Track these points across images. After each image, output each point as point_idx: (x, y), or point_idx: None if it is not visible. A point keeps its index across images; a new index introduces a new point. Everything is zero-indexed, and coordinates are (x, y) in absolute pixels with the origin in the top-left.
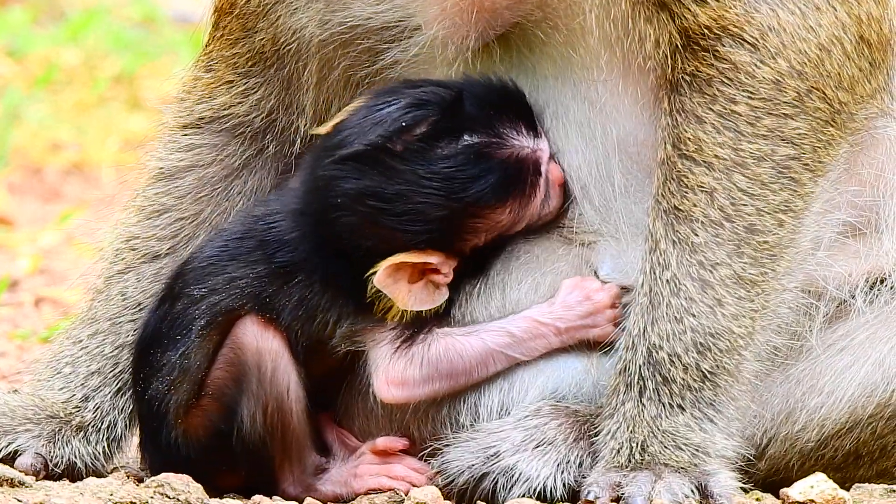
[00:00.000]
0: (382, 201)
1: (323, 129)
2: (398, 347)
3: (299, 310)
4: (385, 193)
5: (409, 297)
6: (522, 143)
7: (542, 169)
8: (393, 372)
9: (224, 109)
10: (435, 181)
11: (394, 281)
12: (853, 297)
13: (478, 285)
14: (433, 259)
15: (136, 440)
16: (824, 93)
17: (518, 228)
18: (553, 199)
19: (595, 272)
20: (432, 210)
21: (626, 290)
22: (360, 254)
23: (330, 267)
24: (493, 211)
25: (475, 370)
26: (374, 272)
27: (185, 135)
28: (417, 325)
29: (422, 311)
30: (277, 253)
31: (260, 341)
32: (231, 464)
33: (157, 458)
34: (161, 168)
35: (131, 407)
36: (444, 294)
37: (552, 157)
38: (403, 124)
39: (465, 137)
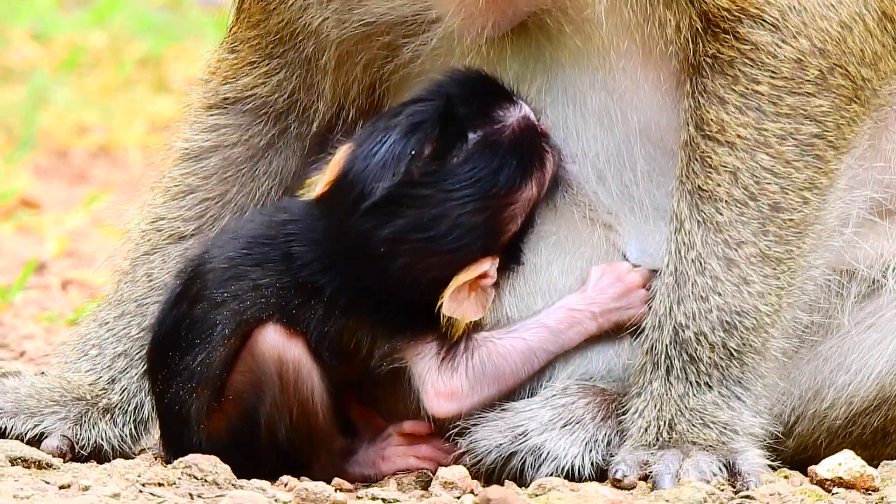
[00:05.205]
0: (425, 230)
1: (315, 192)
2: (443, 359)
3: (325, 326)
4: (425, 223)
5: (470, 311)
6: (514, 115)
7: (540, 129)
8: (441, 385)
9: (248, 90)
10: (466, 189)
11: (458, 303)
12: (884, 276)
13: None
14: (486, 266)
15: None
16: (847, 70)
17: (542, 195)
18: (553, 150)
19: (624, 256)
20: (474, 216)
21: (655, 273)
22: (422, 288)
23: (362, 299)
24: (524, 190)
25: (521, 370)
26: (441, 303)
27: (211, 115)
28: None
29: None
30: (300, 271)
31: (280, 350)
32: (256, 461)
33: (180, 454)
34: (186, 149)
35: None
36: (492, 294)
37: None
38: (412, 152)
39: (471, 136)
